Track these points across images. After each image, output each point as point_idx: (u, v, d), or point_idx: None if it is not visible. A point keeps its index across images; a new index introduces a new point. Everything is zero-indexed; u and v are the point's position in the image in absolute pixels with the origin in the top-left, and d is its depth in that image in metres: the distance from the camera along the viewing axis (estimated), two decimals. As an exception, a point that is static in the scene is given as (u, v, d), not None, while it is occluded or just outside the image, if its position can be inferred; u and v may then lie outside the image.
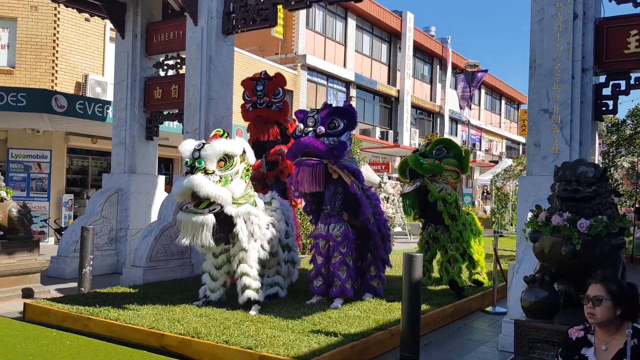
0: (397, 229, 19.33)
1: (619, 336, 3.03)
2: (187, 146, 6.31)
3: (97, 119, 13.50)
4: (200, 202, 6.16)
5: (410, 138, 31.04)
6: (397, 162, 29.56)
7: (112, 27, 11.20)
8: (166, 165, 19.99)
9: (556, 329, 3.96)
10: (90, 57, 16.02)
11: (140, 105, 10.70)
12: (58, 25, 15.15)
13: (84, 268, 7.69)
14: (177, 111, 10.50)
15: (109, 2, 10.45)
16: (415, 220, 9.68)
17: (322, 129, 6.86)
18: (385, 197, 19.46)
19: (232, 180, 6.33)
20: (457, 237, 8.15)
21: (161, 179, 11.11)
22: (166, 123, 11.25)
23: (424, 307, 6.76)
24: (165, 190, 11.40)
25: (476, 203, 31.43)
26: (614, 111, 6.76)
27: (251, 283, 6.53)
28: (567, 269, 4.09)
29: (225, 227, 6.43)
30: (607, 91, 6.64)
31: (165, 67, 10.94)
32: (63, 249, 9.87)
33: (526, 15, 6.90)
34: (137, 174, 10.58)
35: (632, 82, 6.51)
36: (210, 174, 6.12)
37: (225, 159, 6.29)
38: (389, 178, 22.79)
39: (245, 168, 6.63)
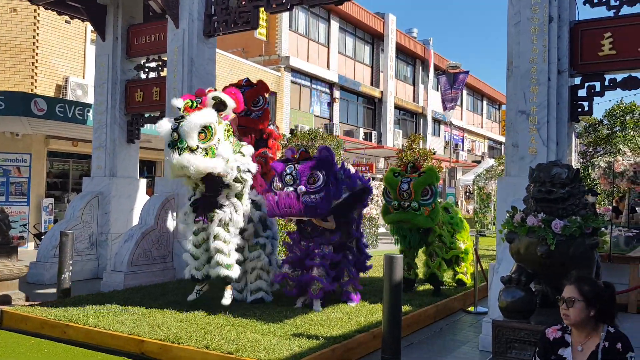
0: (382, 230, 19.36)
1: (594, 337, 3.06)
2: (165, 127, 6.40)
3: (78, 122, 13.37)
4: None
5: (394, 139, 31.16)
6: (381, 162, 29.69)
7: (93, 29, 11.11)
8: (149, 168, 19.88)
9: (533, 329, 4.01)
10: (70, 59, 15.88)
11: (121, 107, 10.63)
12: (38, 27, 15.00)
13: (63, 274, 7.62)
14: (158, 114, 10.44)
15: (89, 5, 10.39)
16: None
17: (303, 188, 6.61)
18: (370, 198, 19.48)
19: (217, 147, 6.42)
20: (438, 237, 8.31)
21: (142, 182, 11.04)
22: (148, 125, 11.18)
23: (405, 308, 6.79)
24: (147, 193, 11.33)
25: (459, 203, 31.64)
26: (590, 112, 6.86)
27: (223, 260, 6.58)
28: (543, 269, 4.15)
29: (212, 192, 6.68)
30: (582, 92, 6.73)
31: (147, 70, 10.89)
32: (42, 254, 9.74)
33: (504, 18, 6.97)
34: (118, 178, 10.50)
35: (606, 83, 6.61)
36: (194, 150, 6.23)
37: (205, 131, 6.34)
38: (373, 179, 22.85)
39: (225, 129, 6.64)
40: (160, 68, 10.78)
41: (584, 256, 4.00)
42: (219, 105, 6.66)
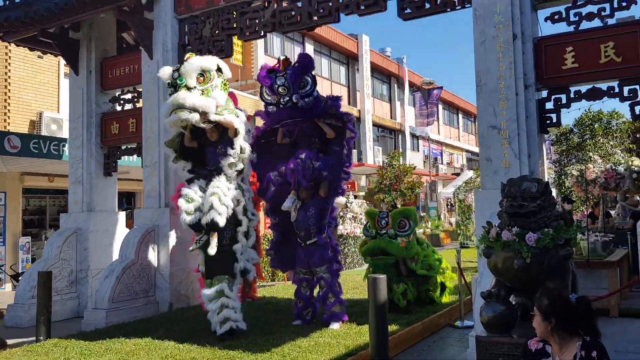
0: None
1: (571, 347, 3.11)
2: (167, 70, 7.05)
3: (53, 157, 13.21)
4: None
5: (374, 156, 31.36)
6: (363, 180, 29.80)
7: (66, 63, 11.09)
8: (128, 199, 19.72)
9: (515, 342, 4.06)
10: (44, 94, 15.79)
11: (97, 141, 10.58)
12: (9, 63, 14.92)
13: (42, 315, 7.43)
14: (135, 145, 10.42)
15: (61, 40, 10.35)
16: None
17: (298, 96, 7.23)
18: (352, 216, 19.53)
19: (212, 91, 6.96)
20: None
21: (122, 216, 10.94)
22: (126, 157, 11.14)
23: (392, 327, 6.80)
24: (127, 225, 11.23)
25: (442, 216, 31.84)
26: (558, 123, 7.03)
27: (219, 207, 6.65)
28: (520, 282, 4.22)
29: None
30: (549, 105, 6.89)
31: (122, 102, 10.88)
32: (20, 296, 9.44)
33: (471, 35, 7.14)
34: (96, 212, 10.37)
35: (572, 95, 6.78)
36: (191, 89, 6.75)
37: (203, 74, 6.92)
38: (355, 197, 22.92)
39: (222, 82, 7.22)
40: (135, 99, 10.79)
41: (558, 267, 4.09)
42: (219, 68, 7.22)
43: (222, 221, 6.69)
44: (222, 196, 6.76)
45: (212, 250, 6.80)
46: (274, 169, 7.70)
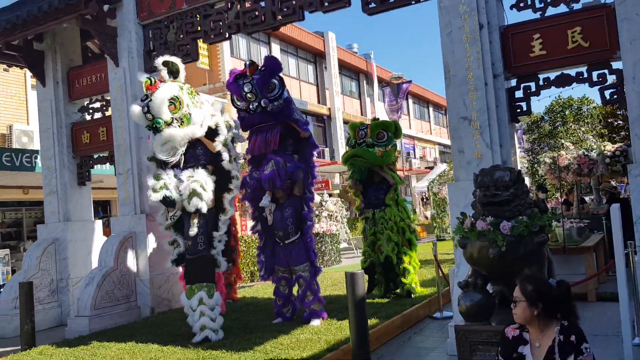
0: (343, 245, 19.48)
1: (550, 332, 3.14)
2: (136, 111, 6.78)
3: (26, 169, 13.06)
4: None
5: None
6: (336, 178, 29.87)
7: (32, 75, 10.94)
8: (103, 208, 19.54)
9: (494, 330, 4.13)
10: (13, 106, 15.55)
11: (68, 151, 10.47)
12: (-26, 77, 14.67)
13: (25, 325, 7.44)
14: (107, 153, 10.34)
15: (26, 52, 10.22)
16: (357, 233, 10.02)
17: (267, 100, 7.22)
18: (328, 214, 19.62)
19: (190, 114, 6.97)
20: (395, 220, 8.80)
21: (98, 224, 10.87)
22: (99, 165, 11.04)
23: (372, 321, 6.86)
24: (105, 234, 11.15)
25: (417, 210, 32.07)
26: (528, 112, 7.12)
27: (201, 192, 6.83)
28: (497, 270, 4.28)
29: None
30: (519, 94, 6.96)
31: (91, 111, 10.76)
32: (3, 307, 9.44)
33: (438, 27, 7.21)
34: (72, 222, 10.31)
35: (541, 83, 6.84)
36: (170, 123, 6.76)
37: (173, 102, 6.84)
38: (330, 195, 22.99)
39: (189, 93, 7.13)
40: (104, 108, 10.69)
41: (534, 254, 4.16)
42: (172, 70, 7.12)
43: (204, 207, 6.87)
44: (203, 184, 6.92)
45: (193, 231, 6.94)
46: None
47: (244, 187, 7.81)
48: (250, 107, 7.33)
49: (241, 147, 8.37)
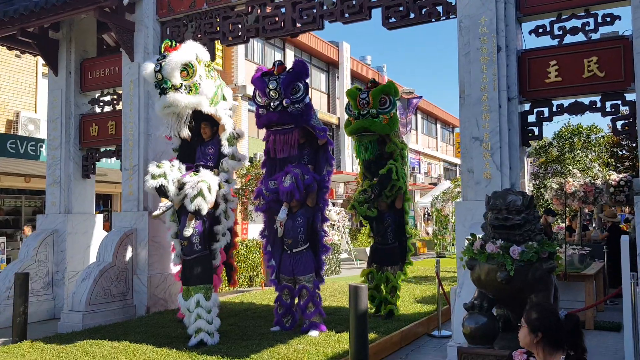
0: (344, 255, 19.42)
1: None
2: (149, 68, 6.88)
3: (30, 157, 13.05)
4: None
5: (352, 164, 31.42)
6: (341, 187, 29.85)
7: (45, 63, 10.94)
8: (105, 202, 19.50)
9: (497, 354, 4.09)
10: (22, 94, 15.56)
11: (75, 142, 10.44)
12: (-14, 62, 14.70)
13: (18, 317, 7.35)
14: (114, 148, 10.31)
15: (41, 40, 10.21)
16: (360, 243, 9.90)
17: (289, 100, 7.27)
18: (330, 224, 19.57)
19: (200, 84, 6.99)
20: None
21: (99, 218, 10.80)
22: (104, 159, 11.01)
23: (371, 335, 6.80)
24: (104, 228, 11.10)
25: (418, 225, 32.00)
26: (540, 137, 7.09)
27: (207, 194, 6.79)
28: (504, 294, 4.24)
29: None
30: (532, 118, 6.96)
31: (101, 104, 10.74)
32: (-5, 296, 9.34)
33: (455, 46, 7.21)
34: (73, 214, 10.23)
35: (554, 109, 6.85)
36: (179, 88, 6.79)
37: (186, 68, 6.87)
38: (333, 205, 22.96)
39: (205, 65, 7.19)
40: (115, 102, 10.65)
41: (542, 280, 4.12)
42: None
43: (205, 210, 6.86)
44: (210, 186, 6.91)
45: (188, 232, 6.93)
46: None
47: (259, 198, 7.74)
48: (272, 104, 7.36)
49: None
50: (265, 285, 11.41)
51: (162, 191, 6.95)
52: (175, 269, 8.08)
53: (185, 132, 7.27)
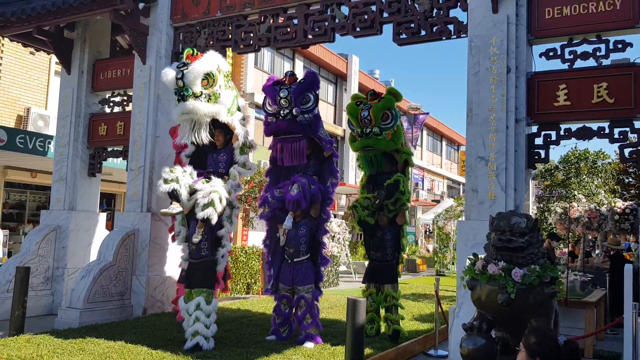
0: (342, 268, 19.37)
1: None
2: (170, 75, 7.00)
3: (38, 153, 13.14)
4: None
5: (356, 176, 31.44)
6: (343, 199, 29.85)
7: (58, 61, 11.03)
8: (108, 201, 19.56)
9: (493, 376, 4.07)
10: (33, 90, 15.68)
11: (83, 141, 10.50)
12: (1, 57, 14.81)
13: (17, 310, 7.38)
14: (122, 148, 10.36)
15: (56, 38, 10.32)
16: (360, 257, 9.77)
17: (299, 110, 7.36)
18: (331, 236, 19.54)
19: (220, 94, 7.14)
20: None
21: (102, 217, 10.84)
22: (110, 159, 11.07)
23: (367, 351, 6.75)
24: (106, 227, 11.13)
25: (419, 242, 31.93)
26: (546, 160, 7.09)
27: (218, 205, 6.87)
28: (503, 316, 4.23)
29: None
30: (539, 141, 6.97)
31: (111, 104, 10.82)
32: (-5, 289, 9.36)
33: (462, 64, 7.24)
34: (77, 211, 10.28)
35: (561, 133, 6.86)
36: (199, 96, 6.93)
37: (207, 78, 7.02)
38: (334, 216, 22.93)
39: (225, 76, 7.32)
40: (125, 103, 10.73)
41: (543, 305, 4.10)
42: None
43: (215, 219, 6.92)
44: (222, 196, 6.98)
45: (197, 238, 7.00)
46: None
47: (264, 205, 7.77)
48: (282, 112, 7.46)
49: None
50: (263, 293, 11.38)
51: (174, 195, 7.00)
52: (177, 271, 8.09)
53: (206, 138, 7.35)
